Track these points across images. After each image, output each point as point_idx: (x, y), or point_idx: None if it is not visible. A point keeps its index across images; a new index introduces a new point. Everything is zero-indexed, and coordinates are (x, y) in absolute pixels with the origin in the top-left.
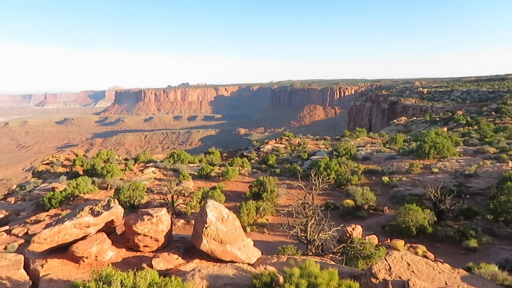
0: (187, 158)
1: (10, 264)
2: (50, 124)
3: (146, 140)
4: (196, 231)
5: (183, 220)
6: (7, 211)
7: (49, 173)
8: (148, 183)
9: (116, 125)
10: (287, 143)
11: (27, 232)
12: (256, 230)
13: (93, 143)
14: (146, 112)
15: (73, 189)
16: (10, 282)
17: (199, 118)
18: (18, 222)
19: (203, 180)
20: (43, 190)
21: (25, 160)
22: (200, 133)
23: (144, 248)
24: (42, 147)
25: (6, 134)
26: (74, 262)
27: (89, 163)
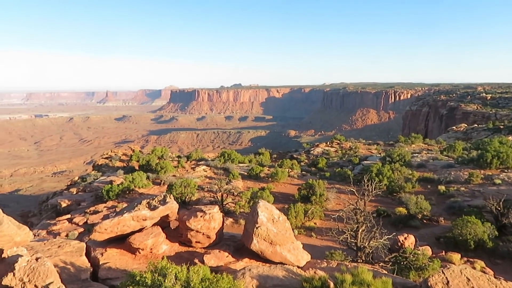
0: (237, 158)
1: (74, 251)
2: (110, 120)
3: (198, 138)
4: (246, 231)
5: (232, 219)
6: (70, 200)
7: (107, 167)
8: (199, 180)
9: (170, 123)
10: (338, 146)
11: (86, 222)
12: (303, 233)
13: (149, 139)
14: (199, 111)
15: (129, 183)
16: (73, 267)
17: (250, 118)
18: (79, 212)
19: (252, 180)
20: (102, 183)
21: (86, 153)
22: (251, 133)
23: (196, 243)
24: (102, 142)
25: (71, 129)
26: (131, 253)
27: (145, 159)
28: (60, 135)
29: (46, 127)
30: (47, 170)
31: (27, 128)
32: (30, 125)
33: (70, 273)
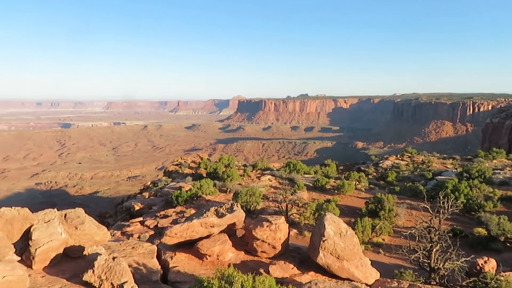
0: (303, 169)
1: (146, 253)
2: (181, 128)
3: (263, 148)
4: (312, 243)
5: (296, 230)
6: (142, 204)
7: (177, 173)
8: (264, 190)
9: (237, 133)
10: (409, 160)
11: (157, 225)
12: (370, 249)
13: (216, 148)
14: (265, 121)
15: (197, 190)
16: (145, 269)
17: (316, 129)
18: (150, 215)
19: (317, 191)
20: (171, 188)
21: (158, 160)
22: (316, 144)
23: (261, 253)
24: (173, 149)
25: (145, 136)
26: (198, 258)
27: (212, 167)
28: (135, 142)
29: (123, 134)
30: (123, 174)
31: (107, 135)
32: (109, 132)
33: (142, 274)
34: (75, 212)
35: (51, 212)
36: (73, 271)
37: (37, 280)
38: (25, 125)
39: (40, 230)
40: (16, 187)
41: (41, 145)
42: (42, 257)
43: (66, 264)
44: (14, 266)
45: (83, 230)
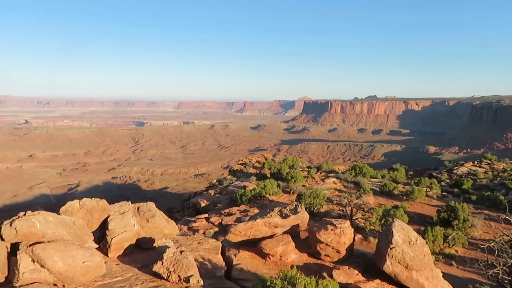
0: (369, 172)
1: (211, 248)
2: (246, 129)
3: (328, 150)
4: (379, 250)
5: (360, 235)
6: (208, 201)
7: (242, 173)
8: (328, 192)
9: (302, 134)
10: (488, 167)
11: (221, 222)
12: (442, 261)
13: (280, 149)
14: (331, 123)
15: (260, 190)
16: (210, 264)
17: (384, 132)
18: (215, 212)
19: (384, 197)
20: (236, 187)
21: (224, 159)
22: (384, 147)
23: (325, 257)
24: (238, 148)
25: (212, 135)
26: (261, 257)
27: (276, 167)
28: (203, 141)
29: (191, 133)
30: (190, 172)
31: (176, 133)
32: (179, 131)
33: (207, 268)
34: (147, 205)
35: (126, 204)
36: (144, 261)
37: (112, 268)
38: (104, 123)
39: (116, 221)
40: (95, 180)
41: (118, 142)
42: (116, 246)
43: (138, 254)
44: (93, 253)
45: (154, 223)
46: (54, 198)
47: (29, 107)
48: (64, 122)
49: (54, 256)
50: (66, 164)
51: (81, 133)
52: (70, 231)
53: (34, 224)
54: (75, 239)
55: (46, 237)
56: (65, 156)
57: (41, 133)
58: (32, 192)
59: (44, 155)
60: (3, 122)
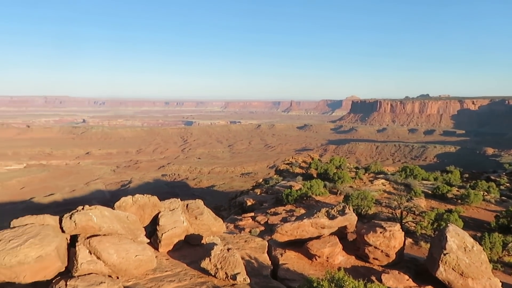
0: (421, 174)
1: (257, 247)
2: (292, 128)
3: (377, 151)
4: (431, 255)
5: (411, 239)
6: (254, 200)
7: (288, 172)
8: (376, 194)
9: (349, 134)
10: None
11: (267, 221)
12: (500, 270)
13: (327, 149)
14: (380, 122)
15: (307, 190)
16: (256, 263)
17: (437, 132)
18: (261, 211)
19: (437, 200)
20: (282, 187)
21: (270, 158)
22: (437, 149)
23: (373, 260)
24: (284, 148)
25: (258, 135)
26: (308, 258)
27: (323, 168)
28: (249, 140)
29: (238, 132)
30: (237, 171)
31: (223, 133)
32: (226, 130)
33: (254, 267)
34: (196, 203)
35: (176, 201)
36: (192, 257)
37: (162, 262)
38: (155, 122)
39: (166, 217)
40: (146, 177)
41: (167, 141)
42: (166, 241)
43: (186, 250)
44: (145, 247)
45: (202, 220)
46: (108, 194)
47: (86, 107)
48: (118, 121)
49: (109, 249)
50: (119, 161)
51: (133, 132)
52: (124, 225)
53: (91, 218)
54: (128, 234)
55: (102, 231)
56: (118, 154)
57: (97, 132)
58: (88, 188)
59: (100, 153)
60: (63, 121)
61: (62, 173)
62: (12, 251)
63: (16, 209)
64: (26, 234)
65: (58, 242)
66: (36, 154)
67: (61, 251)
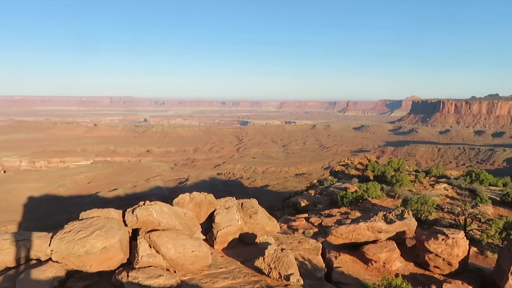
0: (488, 179)
1: (311, 249)
2: (348, 129)
3: (439, 153)
4: (499, 267)
5: (476, 249)
6: (308, 201)
7: (343, 174)
8: (438, 199)
9: (409, 135)
10: None
11: (321, 223)
12: None
13: (384, 150)
14: (443, 124)
15: (363, 192)
16: (310, 264)
17: (507, 135)
18: (315, 213)
19: (506, 207)
20: (337, 188)
21: (324, 159)
22: (507, 152)
23: (434, 268)
24: (339, 149)
25: (313, 135)
26: (363, 262)
27: (380, 170)
28: (304, 141)
29: (293, 133)
30: (291, 171)
31: (278, 133)
32: (280, 130)
33: (307, 268)
34: (250, 202)
35: (231, 200)
36: (246, 255)
37: (217, 259)
38: (211, 121)
39: (221, 215)
40: (202, 175)
41: (223, 140)
42: (221, 239)
43: (240, 248)
44: (201, 244)
45: (256, 219)
46: (166, 190)
47: (147, 107)
48: (177, 120)
49: (167, 244)
50: (177, 159)
51: (191, 131)
52: (181, 221)
53: (151, 213)
54: (185, 229)
55: (161, 226)
56: (176, 152)
57: (157, 131)
58: (148, 184)
59: (159, 151)
60: (126, 120)
61: (124, 169)
62: (80, 241)
63: (83, 202)
64: (93, 226)
65: (121, 235)
66: (101, 151)
67: (123, 244)
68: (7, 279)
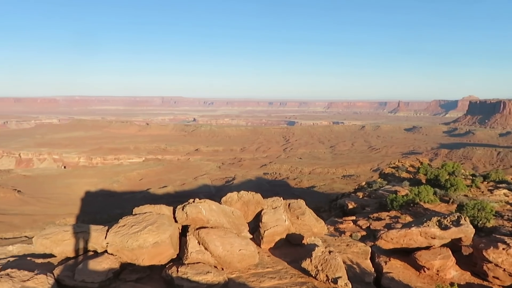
0: None
1: (360, 252)
2: (399, 130)
3: (498, 157)
4: None
5: None
6: (355, 203)
7: (393, 176)
8: (497, 205)
9: (465, 137)
10: None
11: (369, 227)
12: None
13: (438, 153)
14: (503, 125)
15: (414, 196)
16: (358, 268)
17: None
18: (363, 215)
19: None
20: (386, 191)
21: (373, 161)
22: None
23: (493, 279)
24: (389, 151)
25: (362, 136)
26: (415, 269)
27: (433, 173)
28: (352, 142)
29: (340, 133)
30: (338, 172)
31: (325, 133)
32: (328, 131)
33: (355, 272)
34: (297, 203)
35: (278, 200)
36: (292, 256)
37: (264, 258)
38: (259, 121)
39: (269, 214)
40: (248, 175)
41: (270, 140)
42: (268, 238)
43: (287, 249)
44: (248, 243)
45: (304, 220)
46: (213, 189)
47: (197, 107)
48: (225, 120)
49: (215, 241)
50: (224, 158)
51: (238, 130)
52: (229, 220)
53: (201, 210)
54: (233, 228)
55: (210, 223)
56: (224, 151)
57: (206, 130)
58: (196, 182)
59: (207, 150)
60: (177, 120)
61: (174, 167)
62: (133, 235)
63: (135, 198)
64: (145, 221)
65: (172, 230)
66: (153, 149)
67: (173, 239)
68: (67, 269)
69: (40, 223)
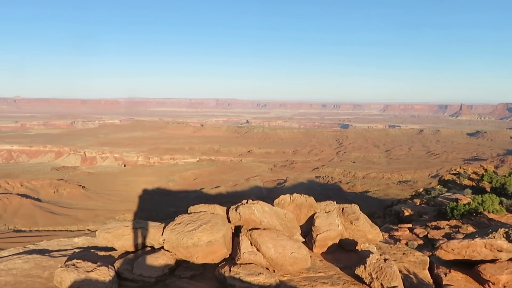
0: None
1: (417, 262)
2: (461, 135)
3: None
4: None
5: None
6: (412, 210)
7: (454, 184)
8: None
9: None
10: None
11: (426, 235)
12: None
13: (505, 160)
14: None
15: (477, 205)
16: (416, 278)
17: None
18: (420, 223)
19: None
20: (446, 199)
21: (432, 166)
22: None
23: None
24: (450, 156)
25: (420, 140)
26: (478, 283)
27: (499, 181)
28: (409, 146)
29: (397, 137)
30: (393, 178)
31: (381, 137)
32: (383, 134)
33: (412, 282)
34: (351, 207)
35: (331, 204)
36: (345, 262)
37: (315, 263)
38: (311, 124)
39: (321, 218)
40: (300, 178)
41: (323, 143)
42: (321, 243)
43: (340, 254)
44: (300, 246)
45: (358, 226)
46: (265, 190)
47: (250, 109)
48: (277, 122)
49: (268, 243)
50: (276, 160)
51: (290, 133)
52: (282, 222)
53: (253, 211)
54: (285, 230)
55: (262, 225)
56: (276, 154)
57: (258, 132)
58: (248, 183)
59: (259, 152)
60: (230, 121)
61: (227, 168)
62: (188, 233)
63: (189, 197)
64: (200, 220)
65: (225, 230)
66: (207, 150)
67: (227, 239)
68: (127, 262)
69: (101, 217)
